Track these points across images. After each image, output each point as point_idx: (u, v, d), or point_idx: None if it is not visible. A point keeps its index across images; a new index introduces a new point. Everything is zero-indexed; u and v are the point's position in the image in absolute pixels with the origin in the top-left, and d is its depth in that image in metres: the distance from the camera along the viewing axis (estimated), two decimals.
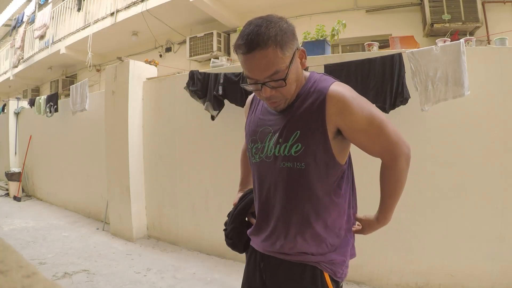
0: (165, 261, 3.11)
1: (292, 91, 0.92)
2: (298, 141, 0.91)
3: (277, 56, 0.84)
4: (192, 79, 3.13)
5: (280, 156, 0.94)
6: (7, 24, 11.09)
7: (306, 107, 0.91)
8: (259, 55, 0.83)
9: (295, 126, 0.92)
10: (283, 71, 0.86)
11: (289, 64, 0.87)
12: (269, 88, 0.88)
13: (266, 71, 0.85)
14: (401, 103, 2.34)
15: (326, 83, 0.92)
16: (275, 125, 0.96)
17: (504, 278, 2.30)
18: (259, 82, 0.88)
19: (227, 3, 5.11)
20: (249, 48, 0.83)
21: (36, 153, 6.02)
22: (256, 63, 0.85)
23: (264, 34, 0.83)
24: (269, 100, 0.92)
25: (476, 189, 2.38)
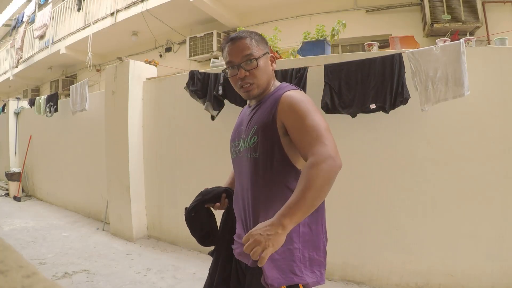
0: (165, 261, 3.11)
1: (263, 81, 1.10)
2: (255, 134, 1.07)
3: (252, 44, 1.09)
4: (192, 79, 3.13)
5: (244, 149, 1.11)
6: (7, 24, 11.09)
7: (265, 108, 1.09)
8: (239, 42, 1.09)
9: (254, 122, 1.09)
10: (256, 56, 1.08)
11: (261, 55, 1.10)
12: (244, 70, 1.08)
13: (243, 51, 1.07)
14: (401, 103, 2.34)
15: (286, 89, 1.09)
16: (245, 124, 1.15)
17: (504, 278, 2.30)
18: (236, 64, 1.08)
19: (227, 3, 5.11)
20: (232, 40, 1.10)
21: (36, 153, 6.02)
22: (235, 47, 1.09)
23: (243, 32, 1.12)
24: (243, 81, 1.08)
25: (476, 189, 2.38)
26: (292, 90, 1.08)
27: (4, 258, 0.29)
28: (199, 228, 1.29)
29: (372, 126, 2.58)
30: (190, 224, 1.29)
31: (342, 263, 2.65)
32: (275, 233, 0.85)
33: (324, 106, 2.52)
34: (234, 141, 1.19)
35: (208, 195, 1.27)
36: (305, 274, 1.02)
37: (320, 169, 0.88)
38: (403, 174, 2.53)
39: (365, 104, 2.44)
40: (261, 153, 1.05)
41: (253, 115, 1.12)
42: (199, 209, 1.27)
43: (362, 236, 2.62)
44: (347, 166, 2.69)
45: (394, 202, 2.54)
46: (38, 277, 0.28)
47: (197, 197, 1.29)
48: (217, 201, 1.27)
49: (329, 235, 2.84)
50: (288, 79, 2.66)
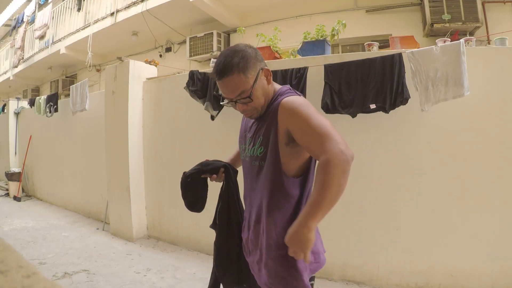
0: (165, 261, 3.11)
1: (261, 104, 1.12)
2: (262, 145, 1.12)
3: (241, 79, 1.05)
4: (192, 79, 3.13)
5: (252, 156, 1.17)
6: (7, 24, 11.09)
7: (268, 117, 1.12)
8: (227, 81, 1.06)
9: (260, 132, 1.13)
10: (248, 90, 1.07)
11: (253, 84, 1.07)
12: (240, 104, 1.11)
13: (234, 92, 1.07)
14: (401, 103, 2.34)
15: (283, 96, 1.11)
16: (252, 131, 1.19)
17: (504, 278, 2.30)
18: (232, 100, 1.10)
19: (227, 3, 5.11)
20: (219, 76, 1.07)
21: (36, 153, 6.02)
22: (226, 86, 1.08)
23: (229, 64, 1.05)
24: (243, 112, 1.16)
25: (476, 189, 2.38)
26: (288, 96, 1.10)
27: (4, 258, 0.29)
28: (190, 194, 1.38)
29: (372, 126, 2.58)
30: (184, 188, 1.36)
31: (342, 263, 2.65)
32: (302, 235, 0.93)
33: (324, 106, 2.52)
34: (242, 144, 1.28)
35: (208, 166, 1.34)
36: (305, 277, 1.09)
37: (334, 165, 0.91)
38: (403, 174, 2.53)
39: (365, 104, 2.44)
40: (266, 162, 1.11)
41: (258, 124, 1.17)
42: (196, 177, 1.34)
43: (362, 236, 2.62)
44: None
45: (394, 202, 2.54)
46: (38, 277, 0.28)
47: (197, 166, 1.35)
48: (214, 174, 1.33)
49: (329, 235, 2.85)
50: (288, 79, 2.66)
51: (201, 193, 1.39)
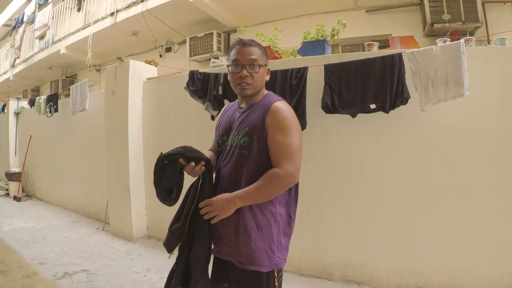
0: (165, 261, 3.10)
1: (259, 85, 1.29)
2: (246, 135, 1.25)
3: (259, 54, 1.28)
4: (192, 79, 3.13)
5: (234, 145, 1.28)
6: (7, 24, 11.09)
7: (256, 113, 1.26)
8: (249, 47, 1.27)
9: (246, 124, 1.26)
10: (259, 63, 1.27)
11: (263, 65, 1.29)
12: (246, 71, 1.25)
13: (251, 55, 1.26)
14: (401, 103, 2.34)
15: (274, 99, 1.28)
16: (235, 124, 1.31)
17: (504, 278, 2.30)
18: (243, 63, 1.25)
19: (227, 3, 5.11)
20: (245, 43, 1.29)
21: (36, 153, 6.02)
22: (246, 50, 1.27)
23: (254, 42, 1.32)
24: (243, 80, 1.25)
25: (476, 189, 2.38)
26: (280, 101, 1.27)
27: (4, 258, 0.29)
28: (166, 180, 1.25)
29: (372, 126, 2.58)
30: (159, 172, 1.24)
31: (342, 263, 2.65)
32: (228, 207, 1.19)
33: (324, 106, 2.52)
34: (223, 137, 1.35)
35: (191, 153, 1.25)
36: (277, 256, 1.23)
37: (281, 181, 1.17)
38: (403, 174, 2.53)
39: (365, 104, 2.44)
40: (250, 151, 1.24)
41: (244, 117, 1.29)
42: (174, 160, 1.23)
43: (362, 236, 2.62)
44: (347, 166, 2.69)
45: (394, 202, 2.54)
46: (38, 277, 0.28)
47: (179, 148, 1.25)
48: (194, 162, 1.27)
49: (329, 235, 2.85)
50: (288, 79, 2.66)
51: (178, 180, 1.27)
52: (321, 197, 2.73)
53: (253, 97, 1.30)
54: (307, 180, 2.78)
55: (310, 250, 2.75)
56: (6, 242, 0.32)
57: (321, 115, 2.60)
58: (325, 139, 2.72)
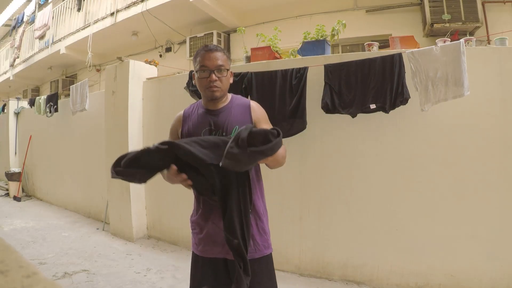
0: (165, 261, 3.11)
1: (226, 88, 1.36)
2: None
3: (225, 58, 1.35)
4: (192, 79, 3.13)
5: None
6: (7, 24, 11.09)
7: (237, 112, 1.35)
8: (216, 53, 1.33)
9: (233, 122, 1.32)
10: (225, 67, 1.34)
11: (228, 69, 1.36)
12: (215, 75, 1.30)
13: (218, 61, 1.32)
14: (401, 103, 2.34)
15: (245, 99, 1.44)
16: (215, 125, 1.33)
17: (504, 278, 2.30)
18: (211, 69, 1.30)
19: (227, 3, 5.11)
20: (211, 49, 1.33)
21: (36, 153, 6.02)
22: (214, 57, 1.32)
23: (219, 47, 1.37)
24: (213, 83, 1.30)
25: (476, 189, 2.38)
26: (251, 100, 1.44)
27: (4, 258, 0.29)
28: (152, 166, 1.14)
29: (372, 126, 2.58)
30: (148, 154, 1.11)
31: (342, 263, 2.65)
32: None
33: (324, 106, 2.52)
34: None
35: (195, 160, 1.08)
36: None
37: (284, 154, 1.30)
38: (403, 174, 2.53)
39: (365, 104, 2.44)
40: None
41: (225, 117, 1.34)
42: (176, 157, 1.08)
43: (362, 236, 2.62)
44: (347, 166, 2.69)
45: (394, 202, 2.54)
46: (38, 277, 0.28)
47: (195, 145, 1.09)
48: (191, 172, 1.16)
49: (329, 235, 2.85)
50: (288, 79, 2.66)
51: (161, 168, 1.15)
52: (321, 197, 2.73)
53: (221, 99, 1.36)
54: (307, 180, 2.78)
55: (310, 250, 2.75)
56: (6, 242, 0.32)
57: (321, 115, 2.60)
58: (325, 139, 2.72)
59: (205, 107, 1.40)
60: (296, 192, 2.79)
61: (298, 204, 2.77)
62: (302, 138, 2.69)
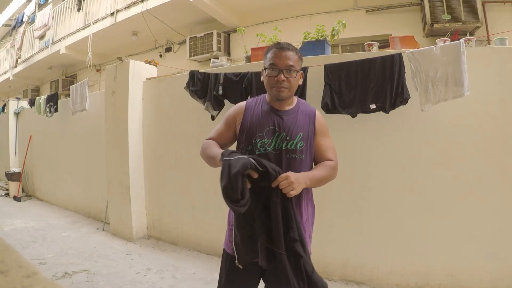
0: (165, 261, 3.11)
1: (293, 89, 1.34)
2: (302, 139, 1.31)
3: (297, 59, 1.33)
4: (192, 79, 3.13)
5: (288, 150, 1.29)
6: (7, 24, 11.09)
7: (303, 118, 1.35)
8: (288, 52, 1.30)
9: (299, 129, 1.32)
10: (296, 68, 1.32)
11: (299, 71, 1.34)
12: (284, 75, 1.28)
13: (289, 61, 1.29)
14: (401, 103, 2.34)
15: (310, 106, 1.43)
16: (281, 126, 1.31)
17: (504, 278, 2.30)
18: (280, 68, 1.28)
19: (227, 3, 5.11)
20: (284, 47, 1.31)
21: (36, 153, 6.02)
22: (285, 56, 1.29)
23: (293, 47, 1.34)
24: (281, 84, 1.28)
25: (476, 189, 2.38)
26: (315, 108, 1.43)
27: (4, 258, 0.29)
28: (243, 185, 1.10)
29: (372, 126, 2.58)
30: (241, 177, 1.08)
31: (342, 263, 2.65)
32: (301, 184, 1.19)
33: (324, 106, 2.52)
34: (263, 139, 1.31)
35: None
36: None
37: (335, 172, 1.36)
38: (403, 174, 2.53)
39: (365, 104, 2.44)
40: (306, 155, 1.31)
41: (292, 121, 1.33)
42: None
43: (362, 236, 2.62)
44: (347, 166, 2.69)
45: (394, 202, 2.54)
46: (38, 277, 0.28)
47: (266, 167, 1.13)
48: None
49: (329, 235, 2.84)
50: None
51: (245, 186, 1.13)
52: (321, 197, 2.72)
53: (287, 100, 1.34)
54: None
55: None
56: (6, 242, 0.32)
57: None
58: None
59: (270, 105, 1.36)
60: None
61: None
62: None
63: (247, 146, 1.33)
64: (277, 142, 1.30)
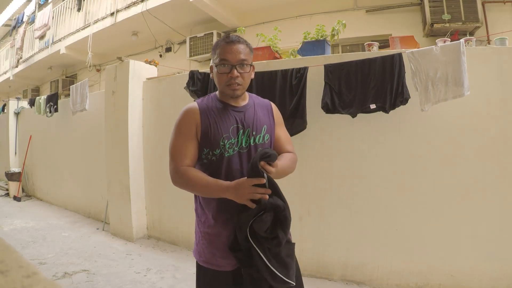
0: (165, 261, 3.11)
1: (247, 85, 1.26)
2: (267, 132, 1.29)
3: (248, 52, 1.23)
4: (192, 79, 3.13)
5: (257, 145, 1.25)
6: (7, 24, 11.09)
7: (262, 111, 1.32)
8: (238, 45, 1.21)
9: (261, 122, 1.28)
10: (248, 62, 1.23)
11: (251, 64, 1.26)
12: (237, 71, 1.20)
13: (240, 54, 1.20)
14: (401, 103, 2.34)
15: (263, 99, 1.40)
16: (244, 123, 1.25)
17: (504, 278, 2.30)
18: (232, 63, 1.19)
19: (227, 3, 5.11)
20: (233, 40, 1.21)
21: (36, 153, 6.02)
22: (236, 51, 1.20)
23: (241, 38, 1.25)
24: (234, 81, 1.20)
25: (476, 189, 2.38)
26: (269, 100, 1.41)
27: (4, 258, 0.29)
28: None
29: (372, 126, 2.58)
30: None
31: (342, 263, 2.65)
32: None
33: (324, 106, 2.52)
34: (230, 139, 1.22)
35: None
36: None
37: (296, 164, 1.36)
38: (403, 174, 2.53)
39: (365, 104, 2.44)
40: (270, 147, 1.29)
41: (253, 115, 1.28)
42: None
43: (362, 236, 2.62)
44: (347, 166, 2.68)
45: (394, 202, 2.54)
46: (38, 277, 0.28)
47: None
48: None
49: (329, 235, 2.84)
50: (288, 79, 2.66)
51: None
52: (321, 197, 2.73)
53: (241, 96, 1.27)
54: (307, 180, 2.78)
55: (310, 250, 2.74)
56: (6, 242, 0.32)
57: (321, 115, 2.60)
58: (325, 139, 2.72)
59: (225, 102, 1.27)
60: (296, 192, 2.78)
61: (298, 204, 2.77)
62: (302, 138, 2.69)
63: (214, 150, 1.21)
64: (243, 139, 1.23)
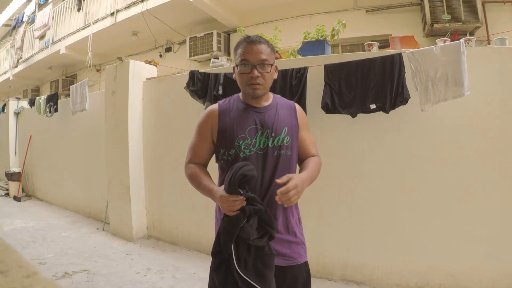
0: (165, 261, 3.11)
1: (268, 85, 1.25)
2: (287, 135, 1.25)
3: (270, 52, 1.23)
4: (192, 79, 3.13)
5: (275, 147, 1.23)
6: (7, 24, 11.09)
7: (284, 112, 1.29)
8: (259, 45, 1.21)
9: (282, 123, 1.25)
10: (270, 62, 1.23)
11: (272, 64, 1.25)
12: (257, 71, 1.20)
13: (262, 54, 1.20)
14: (401, 103, 2.34)
15: (288, 100, 1.37)
16: (263, 124, 1.24)
17: (504, 278, 2.30)
18: (253, 63, 1.19)
19: (227, 3, 5.11)
20: (254, 40, 1.22)
21: (36, 153, 6.02)
22: (257, 50, 1.20)
23: (263, 38, 1.26)
24: (255, 80, 1.20)
25: (476, 189, 2.38)
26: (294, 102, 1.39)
27: (4, 258, 0.29)
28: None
29: (372, 126, 2.58)
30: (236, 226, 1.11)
31: (342, 263, 2.65)
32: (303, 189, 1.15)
33: (324, 106, 2.52)
34: (246, 139, 1.23)
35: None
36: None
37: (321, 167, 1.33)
38: (403, 174, 2.53)
39: (365, 104, 2.44)
40: (292, 150, 1.27)
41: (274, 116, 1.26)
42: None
43: (362, 236, 2.62)
44: (347, 165, 2.69)
45: (394, 202, 2.54)
46: (38, 277, 0.28)
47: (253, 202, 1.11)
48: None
49: (329, 235, 2.84)
50: (288, 79, 2.66)
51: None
52: (321, 197, 2.73)
53: (263, 97, 1.27)
54: None
55: (310, 250, 2.72)
56: (6, 242, 0.32)
57: (321, 115, 2.60)
58: (325, 139, 2.72)
59: (247, 103, 1.27)
60: None
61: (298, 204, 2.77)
62: None
63: (229, 150, 1.23)
64: (261, 140, 1.22)
